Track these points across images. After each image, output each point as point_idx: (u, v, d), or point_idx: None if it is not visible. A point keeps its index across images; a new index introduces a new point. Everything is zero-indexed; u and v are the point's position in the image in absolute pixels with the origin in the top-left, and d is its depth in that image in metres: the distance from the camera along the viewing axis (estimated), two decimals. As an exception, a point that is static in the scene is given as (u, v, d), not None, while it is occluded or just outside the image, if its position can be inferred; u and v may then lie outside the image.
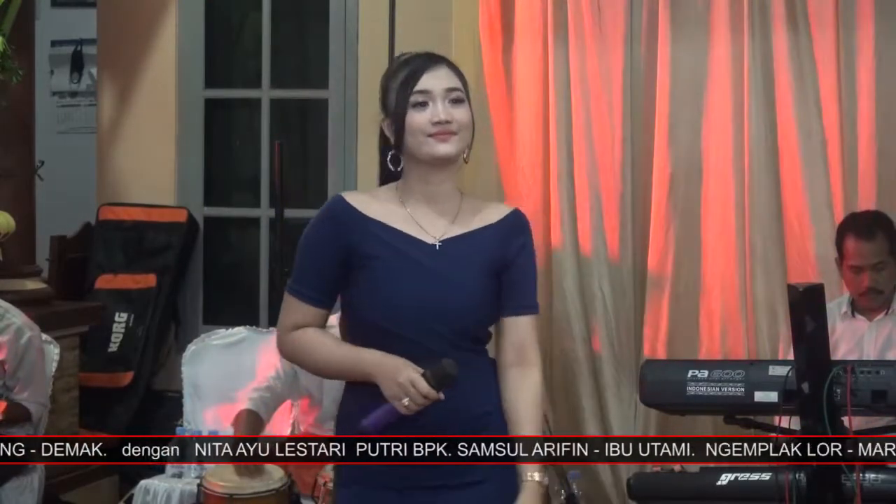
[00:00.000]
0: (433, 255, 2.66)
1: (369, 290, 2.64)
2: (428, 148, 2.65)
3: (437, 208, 2.70)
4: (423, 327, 2.62)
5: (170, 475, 4.37)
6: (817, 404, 3.29)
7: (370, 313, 2.64)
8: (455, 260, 2.66)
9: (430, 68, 2.67)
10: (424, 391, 2.55)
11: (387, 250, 2.65)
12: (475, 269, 2.68)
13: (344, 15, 5.69)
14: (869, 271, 4.20)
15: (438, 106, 2.64)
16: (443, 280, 2.64)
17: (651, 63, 5.06)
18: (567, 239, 5.13)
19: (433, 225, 2.69)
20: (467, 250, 2.68)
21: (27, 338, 4.47)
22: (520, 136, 5.20)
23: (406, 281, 2.63)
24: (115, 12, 6.00)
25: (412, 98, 2.65)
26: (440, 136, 2.64)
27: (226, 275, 6.07)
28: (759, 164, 4.93)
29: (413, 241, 2.67)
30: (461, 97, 2.68)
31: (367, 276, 2.64)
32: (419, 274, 2.64)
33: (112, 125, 6.01)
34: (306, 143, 6.04)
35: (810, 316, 3.31)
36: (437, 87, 2.65)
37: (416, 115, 2.65)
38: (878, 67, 4.83)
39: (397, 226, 2.67)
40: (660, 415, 4.80)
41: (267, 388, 4.18)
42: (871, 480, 3.45)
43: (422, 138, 2.65)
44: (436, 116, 2.64)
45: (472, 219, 2.72)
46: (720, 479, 3.61)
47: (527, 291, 2.76)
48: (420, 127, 2.64)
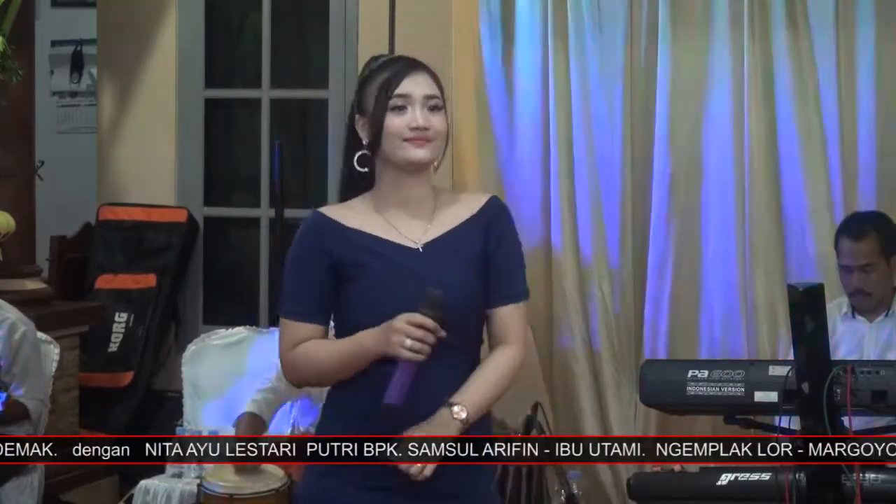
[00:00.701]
0: (418, 258, 2.66)
1: (360, 300, 2.64)
2: (403, 152, 2.65)
3: (413, 212, 2.70)
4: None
5: (170, 475, 4.37)
6: (817, 404, 3.29)
7: (363, 321, 2.62)
8: (440, 261, 2.66)
9: (410, 73, 2.67)
10: (419, 321, 2.52)
11: (372, 258, 2.65)
12: (462, 268, 2.68)
13: (344, 15, 5.69)
14: (857, 272, 4.20)
15: (417, 111, 2.65)
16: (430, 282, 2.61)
17: (651, 63, 5.06)
18: (567, 239, 5.13)
19: (411, 229, 2.69)
20: (450, 250, 2.68)
21: (21, 332, 4.47)
22: (520, 136, 5.21)
23: (396, 287, 2.63)
24: (115, 12, 6.00)
25: (392, 101, 2.65)
26: (416, 141, 2.65)
27: (226, 275, 6.07)
28: (759, 164, 4.93)
29: (396, 247, 2.67)
30: (439, 105, 2.68)
31: (356, 286, 2.64)
32: (407, 279, 2.63)
33: (112, 125, 6.00)
34: (306, 143, 6.04)
35: (810, 316, 3.31)
36: (416, 93, 2.66)
37: (394, 118, 2.65)
38: (878, 67, 4.83)
39: (378, 233, 2.68)
40: (660, 415, 4.80)
41: (269, 390, 4.18)
42: (871, 480, 3.45)
43: (398, 142, 2.65)
44: (414, 122, 2.64)
45: (450, 216, 2.72)
46: (720, 479, 3.61)
47: (511, 279, 2.73)
48: (397, 131, 2.64)
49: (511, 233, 2.75)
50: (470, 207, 2.74)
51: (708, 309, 5.00)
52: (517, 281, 2.74)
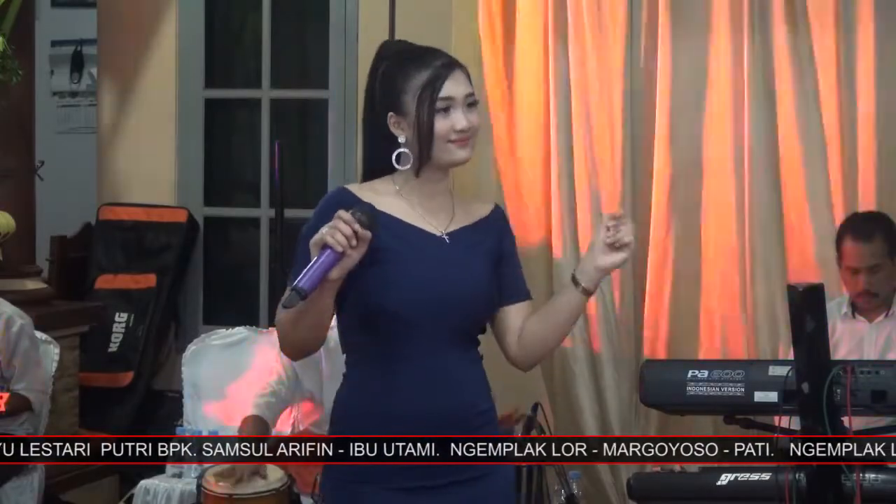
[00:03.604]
0: (443, 246, 2.69)
1: (383, 283, 2.63)
2: (448, 155, 2.68)
3: (436, 204, 2.73)
4: (438, 316, 2.64)
5: (170, 475, 4.36)
6: (817, 404, 3.29)
7: (387, 303, 2.62)
8: (464, 250, 2.70)
9: (451, 74, 2.68)
10: (346, 217, 2.49)
11: (397, 242, 2.65)
12: (483, 259, 2.73)
13: (344, 15, 5.69)
14: (864, 273, 4.20)
15: (460, 113, 2.67)
16: (458, 269, 2.67)
17: (651, 63, 5.06)
18: (567, 239, 5.13)
19: (436, 218, 2.72)
20: (472, 241, 2.73)
21: (19, 326, 4.48)
22: (520, 136, 5.21)
23: (423, 271, 2.65)
24: (115, 12, 6.00)
25: (438, 104, 2.66)
26: (460, 142, 2.67)
27: (226, 275, 6.07)
28: (759, 164, 4.93)
29: (421, 233, 2.69)
30: (475, 101, 2.72)
31: (379, 270, 2.63)
32: (433, 264, 2.66)
33: (112, 125, 6.01)
34: (306, 143, 6.05)
35: (810, 316, 3.31)
36: (459, 94, 2.67)
37: (440, 121, 2.66)
38: (878, 67, 4.83)
39: (403, 218, 2.69)
40: (660, 415, 4.80)
41: (272, 394, 4.19)
42: (871, 480, 3.45)
43: (443, 144, 2.67)
44: (459, 124, 2.66)
45: (468, 212, 2.77)
46: (720, 479, 3.61)
47: (522, 281, 2.82)
48: (443, 134, 2.66)
49: (514, 241, 2.85)
50: (482, 210, 2.80)
51: (708, 309, 5.00)
52: (522, 280, 2.82)
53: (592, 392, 5.12)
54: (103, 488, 5.38)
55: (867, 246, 4.19)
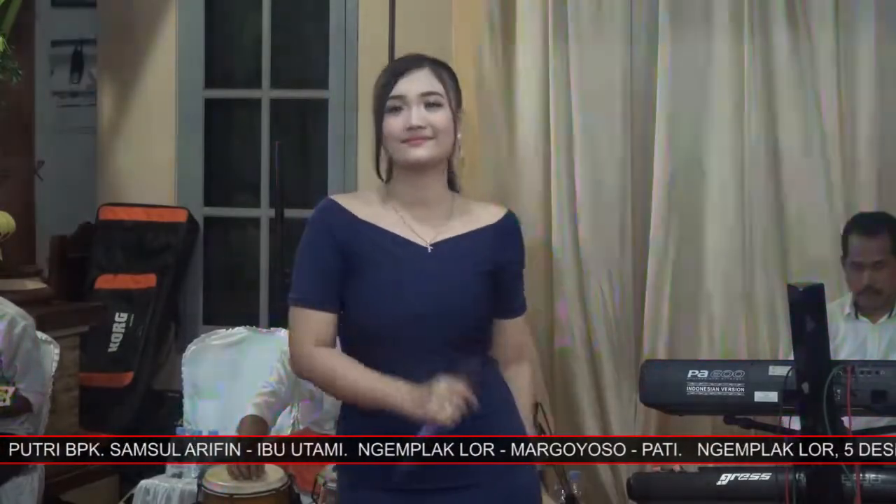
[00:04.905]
0: (426, 257, 2.65)
1: (365, 298, 2.62)
2: (401, 154, 2.65)
3: (427, 212, 2.69)
4: (422, 331, 2.60)
5: (170, 475, 4.36)
6: (817, 404, 3.29)
7: (368, 321, 2.62)
8: (448, 262, 2.65)
9: (407, 73, 2.66)
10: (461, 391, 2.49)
11: (380, 254, 2.63)
12: (469, 270, 2.67)
13: (344, 15, 5.69)
14: (869, 269, 4.21)
15: (412, 111, 2.63)
16: (438, 283, 2.63)
17: (651, 63, 5.06)
18: (567, 239, 5.12)
19: (423, 228, 2.68)
20: (459, 252, 2.67)
21: (21, 327, 4.49)
22: (520, 136, 5.20)
23: (401, 286, 2.62)
24: (115, 12, 6.00)
25: (388, 103, 2.65)
26: (413, 141, 2.63)
27: (226, 275, 6.07)
28: (759, 164, 4.93)
29: (405, 244, 2.66)
30: (439, 101, 2.66)
31: (362, 282, 2.63)
32: (413, 278, 2.62)
33: (112, 125, 6.01)
34: (306, 143, 6.04)
35: (810, 316, 3.31)
36: (411, 92, 2.64)
37: (391, 120, 2.64)
38: (878, 67, 4.83)
39: (389, 228, 2.66)
40: (660, 415, 4.80)
41: (271, 394, 4.18)
42: (871, 480, 3.45)
43: (396, 144, 2.65)
44: (408, 122, 2.63)
45: (465, 221, 2.71)
46: (720, 479, 3.62)
47: (518, 294, 2.77)
48: (394, 133, 2.64)
49: (522, 252, 2.79)
50: (488, 216, 2.74)
51: (708, 309, 5.00)
52: (522, 293, 2.78)
53: (592, 392, 5.11)
54: (103, 488, 5.38)
55: (873, 241, 4.22)
